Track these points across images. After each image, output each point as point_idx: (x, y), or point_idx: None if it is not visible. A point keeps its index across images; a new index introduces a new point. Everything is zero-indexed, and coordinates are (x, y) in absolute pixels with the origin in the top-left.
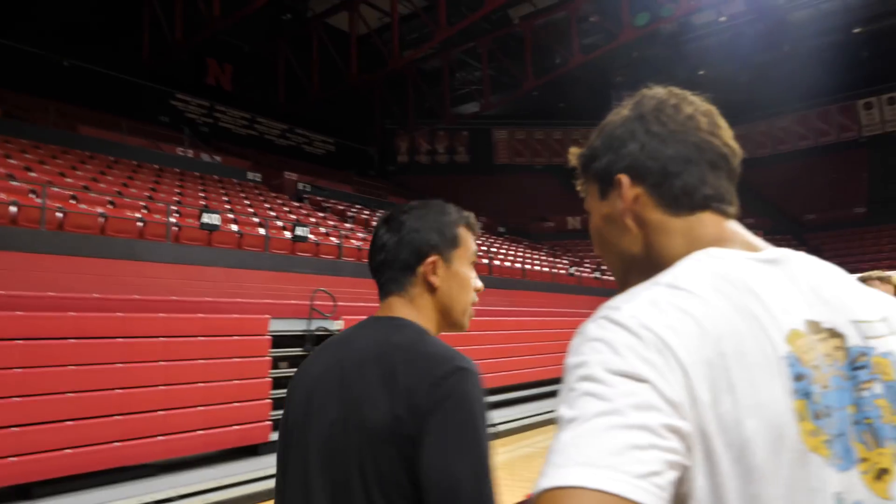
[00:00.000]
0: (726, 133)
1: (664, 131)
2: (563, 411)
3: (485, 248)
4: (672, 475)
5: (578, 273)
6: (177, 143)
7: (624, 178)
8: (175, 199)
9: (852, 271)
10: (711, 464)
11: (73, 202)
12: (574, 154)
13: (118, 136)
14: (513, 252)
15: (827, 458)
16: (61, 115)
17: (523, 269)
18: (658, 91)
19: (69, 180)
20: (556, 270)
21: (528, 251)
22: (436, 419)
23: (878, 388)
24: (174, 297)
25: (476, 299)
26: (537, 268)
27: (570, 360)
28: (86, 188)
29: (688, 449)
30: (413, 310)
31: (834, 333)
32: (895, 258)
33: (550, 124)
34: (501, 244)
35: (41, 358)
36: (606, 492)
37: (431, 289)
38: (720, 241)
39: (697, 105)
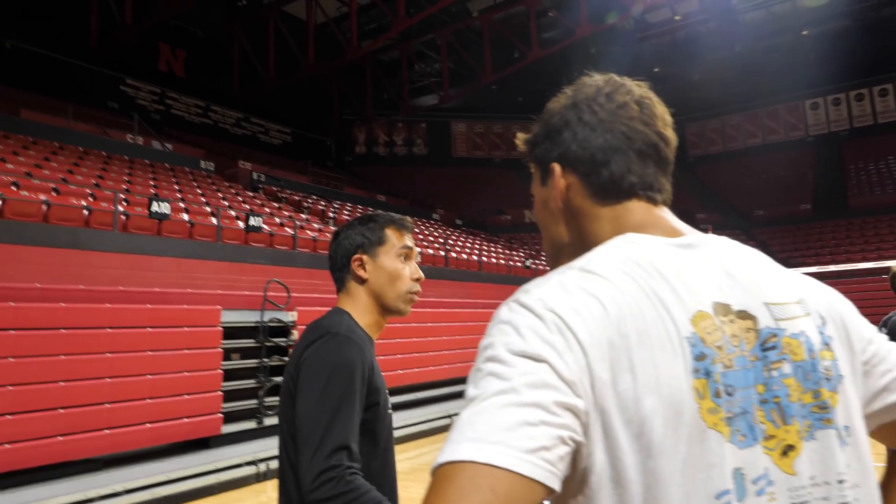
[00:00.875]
0: (661, 121)
1: (594, 120)
2: (468, 390)
3: (442, 241)
4: (563, 450)
5: (534, 265)
6: (126, 129)
7: (556, 167)
8: (123, 187)
9: (798, 265)
10: (610, 440)
11: (15, 189)
12: (520, 140)
13: (63, 122)
14: (469, 244)
15: (726, 435)
16: (3, 98)
17: (480, 262)
18: (596, 78)
19: (10, 166)
20: (512, 263)
21: (485, 244)
22: (301, 374)
23: (786, 367)
24: (121, 288)
25: (414, 287)
26: (494, 260)
27: (482, 341)
28: (28, 174)
29: (584, 426)
30: (349, 300)
31: (745, 315)
32: (838, 253)
33: (509, 118)
34: (459, 236)
35: None
36: (494, 465)
37: (361, 281)
38: (643, 227)
39: (634, 93)
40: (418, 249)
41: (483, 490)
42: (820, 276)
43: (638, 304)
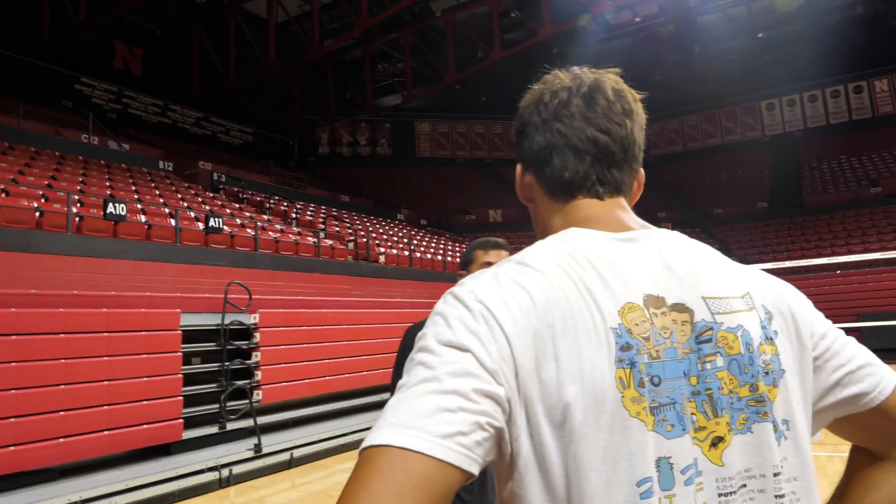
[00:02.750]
0: (605, 115)
1: (538, 120)
2: (400, 379)
3: (406, 240)
4: (481, 435)
5: None
6: (81, 129)
7: (518, 167)
8: (78, 187)
9: (755, 262)
10: (533, 426)
11: None
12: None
13: (13, 121)
14: (434, 244)
15: (649, 424)
16: None
17: (444, 262)
18: (556, 75)
19: None
20: None
21: (451, 243)
22: None
23: (720, 361)
24: (75, 291)
25: None
26: (458, 260)
27: (419, 332)
28: None
29: (506, 412)
30: None
31: (681, 308)
32: (793, 249)
33: (472, 118)
34: (423, 237)
35: None
36: (409, 449)
37: None
38: (588, 221)
39: (583, 87)
40: (382, 249)
41: (397, 471)
42: (776, 273)
43: (567, 295)
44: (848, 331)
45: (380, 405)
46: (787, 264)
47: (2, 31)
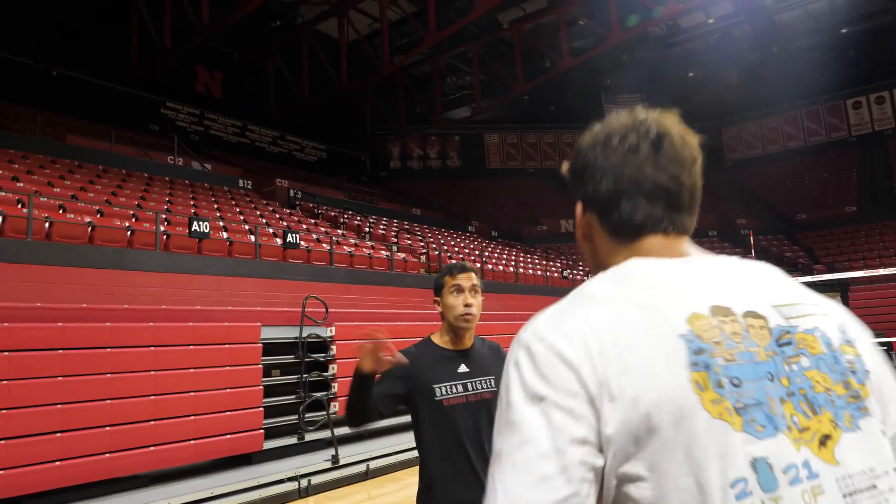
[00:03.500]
0: (676, 163)
1: (606, 165)
2: (494, 441)
3: (478, 252)
4: (587, 486)
5: (572, 276)
6: (167, 151)
7: (578, 207)
8: (165, 207)
9: (844, 269)
10: (616, 444)
11: (61, 212)
12: (564, 170)
13: (107, 145)
14: (506, 256)
15: (736, 424)
16: (49, 124)
17: (516, 273)
18: (620, 116)
19: (57, 190)
20: (549, 273)
21: (522, 255)
22: None
23: (805, 361)
24: (164, 306)
25: (462, 311)
26: (531, 271)
27: (502, 379)
28: (74, 197)
29: (595, 445)
30: (441, 324)
31: (753, 315)
32: (886, 255)
33: (542, 128)
34: (494, 248)
35: (28, 370)
36: None
37: (440, 313)
38: (650, 252)
39: (651, 132)
40: (453, 262)
41: None
42: (870, 281)
43: (627, 315)
44: None
45: None
46: (882, 272)
47: (93, 60)
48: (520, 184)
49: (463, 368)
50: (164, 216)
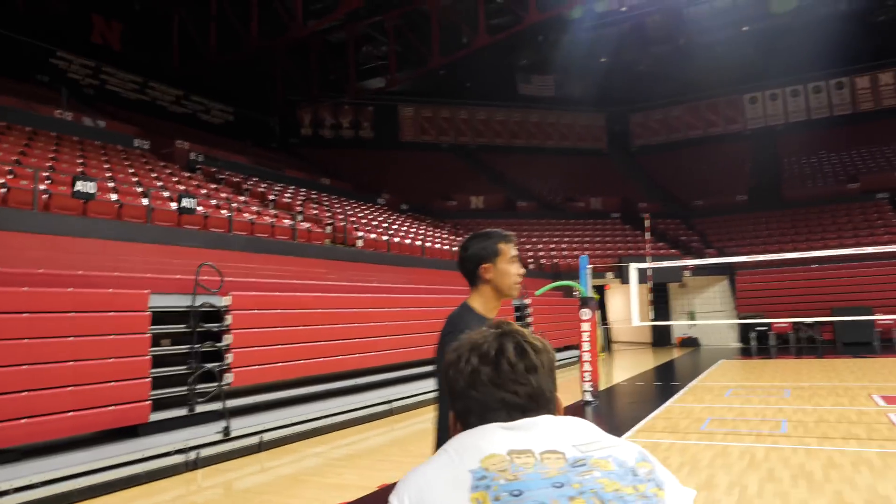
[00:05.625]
0: (511, 379)
1: (457, 387)
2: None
3: (385, 225)
4: None
5: None
6: (55, 105)
7: (451, 417)
8: (48, 164)
9: (733, 254)
10: None
11: None
12: None
13: None
14: (414, 230)
15: None
16: None
17: (422, 247)
18: (470, 338)
19: None
20: (455, 248)
21: (430, 229)
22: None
23: (597, 473)
24: (41, 270)
25: (517, 279)
26: (437, 245)
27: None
28: None
29: None
30: (477, 294)
31: (552, 452)
32: (770, 242)
33: (456, 103)
34: (403, 222)
35: None
36: None
37: (485, 281)
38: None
39: (489, 353)
40: (360, 233)
41: None
42: (755, 266)
43: (440, 467)
44: (821, 325)
45: (353, 389)
46: (762, 258)
47: None
48: (432, 158)
49: None
50: (45, 174)
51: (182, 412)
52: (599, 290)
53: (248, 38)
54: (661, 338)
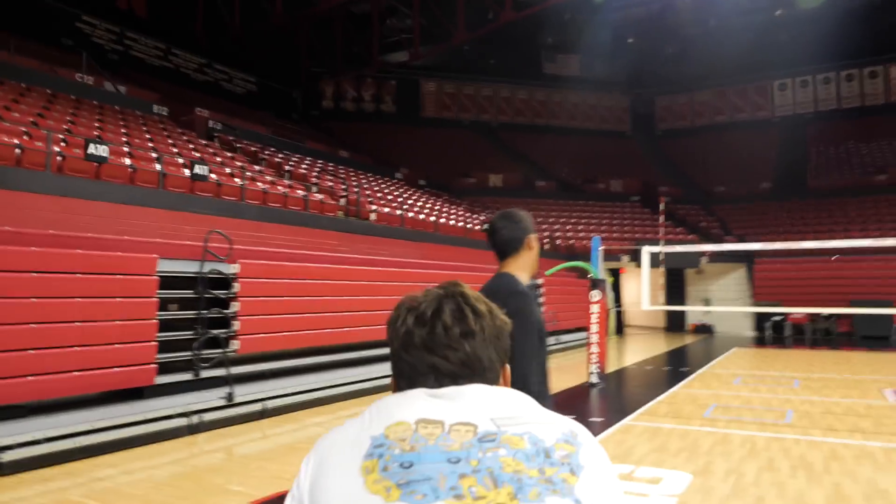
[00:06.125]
0: (444, 343)
1: (392, 348)
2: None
3: (400, 200)
4: None
5: None
6: (76, 68)
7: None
8: (64, 127)
9: (753, 241)
10: None
11: None
12: None
13: (3, 54)
14: (430, 205)
15: (390, 497)
16: None
17: (436, 223)
18: (411, 297)
19: None
20: (470, 225)
21: (446, 205)
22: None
23: (503, 451)
24: (51, 231)
25: None
26: (452, 222)
27: None
28: None
29: None
30: (519, 264)
31: (464, 423)
32: (792, 231)
33: (480, 80)
34: (419, 197)
35: None
36: None
37: (529, 250)
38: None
39: (425, 315)
40: (374, 207)
41: None
42: (774, 255)
43: (349, 429)
44: (839, 317)
45: (359, 361)
46: (779, 245)
47: None
48: (453, 135)
49: None
50: (61, 136)
51: (187, 377)
52: (615, 272)
53: (273, 10)
54: (675, 323)
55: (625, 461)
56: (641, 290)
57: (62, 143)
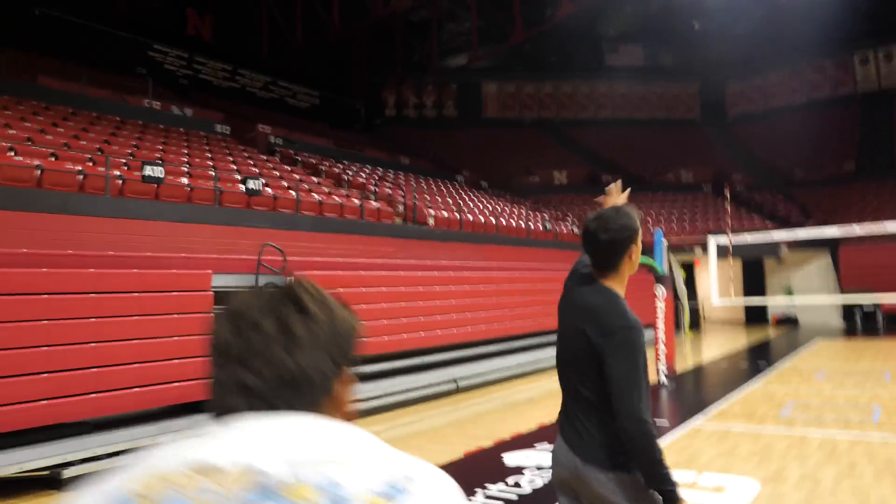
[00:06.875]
0: (259, 351)
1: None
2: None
3: (460, 203)
4: None
5: (556, 228)
6: (147, 95)
7: None
8: (128, 152)
9: (839, 224)
10: None
11: (11, 154)
12: None
13: (79, 87)
14: (490, 206)
15: None
16: (22, 65)
17: (496, 224)
18: (239, 298)
19: (12, 132)
20: (532, 225)
21: (508, 206)
22: (615, 346)
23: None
24: (110, 252)
25: None
26: (512, 223)
27: None
28: (29, 140)
29: None
30: (617, 279)
31: (247, 470)
32: (881, 214)
33: (541, 77)
34: (479, 199)
35: None
36: None
37: (629, 263)
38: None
39: (240, 320)
40: (431, 212)
41: None
42: (861, 240)
43: (99, 490)
44: None
45: (416, 368)
46: (858, 229)
47: (79, 1)
48: (515, 134)
49: None
50: (123, 161)
51: None
52: (689, 266)
53: (332, 24)
54: (755, 316)
55: (687, 468)
56: (710, 283)
57: (124, 167)
